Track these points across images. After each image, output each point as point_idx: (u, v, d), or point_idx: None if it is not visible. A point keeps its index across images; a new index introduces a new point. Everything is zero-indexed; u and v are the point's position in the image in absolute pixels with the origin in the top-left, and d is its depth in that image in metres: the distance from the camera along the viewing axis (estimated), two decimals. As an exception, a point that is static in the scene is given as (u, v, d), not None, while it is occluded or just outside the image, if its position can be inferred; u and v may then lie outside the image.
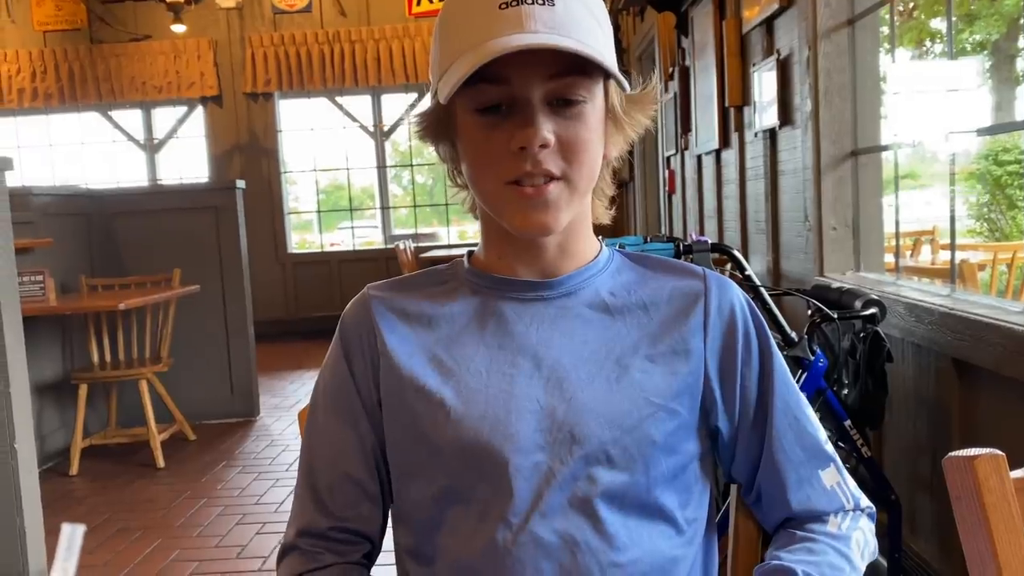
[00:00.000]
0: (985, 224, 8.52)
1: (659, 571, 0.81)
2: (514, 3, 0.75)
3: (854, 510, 0.88)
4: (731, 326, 0.86)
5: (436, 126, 0.85)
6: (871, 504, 0.90)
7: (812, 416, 0.89)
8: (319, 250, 8.36)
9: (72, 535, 0.29)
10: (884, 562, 1.96)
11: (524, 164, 0.78)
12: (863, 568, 0.85)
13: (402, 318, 0.88)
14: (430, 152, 0.90)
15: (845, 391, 1.99)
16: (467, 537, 0.80)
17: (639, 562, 0.79)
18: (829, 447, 0.89)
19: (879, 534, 0.90)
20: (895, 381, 2.08)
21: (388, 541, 0.92)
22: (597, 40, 0.78)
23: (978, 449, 0.72)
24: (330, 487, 0.88)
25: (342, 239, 8.67)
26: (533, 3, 0.75)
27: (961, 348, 1.83)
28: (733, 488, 0.96)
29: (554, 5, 0.76)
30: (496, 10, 0.76)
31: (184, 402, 4.34)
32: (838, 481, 0.88)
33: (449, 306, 0.88)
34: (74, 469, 3.86)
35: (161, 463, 3.92)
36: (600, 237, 0.92)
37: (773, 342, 0.89)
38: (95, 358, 4.07)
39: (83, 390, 3.88)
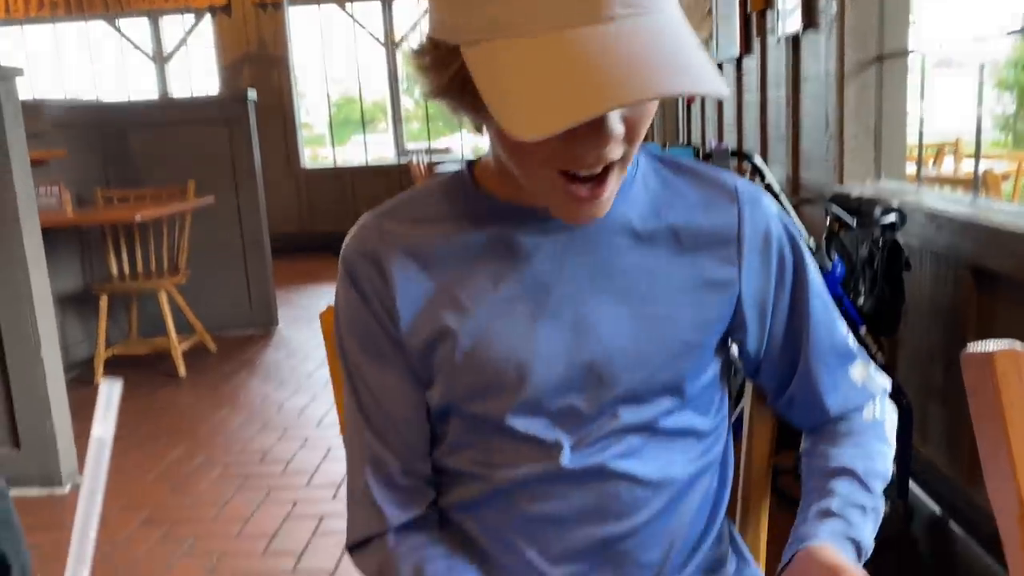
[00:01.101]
0: (1010, 135, 8.33)
1: (687, 486, 0.82)
2: None
3: (881, 395, 0.90)
4: (765, 250, 0.83)
5: (456, 87, 0.68)
6: (886, 380, 0.92)
7: (838, 316, 0.89)
8: (332, 165, 8.31)
9: (110, 391, 0.29)
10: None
11: (584, 158, 0.68)
12: (895, 444, 0.89)
13: (411, 256, 0.80)
14: None
15: (861, 300, 1.99)
16: (496, 470, 0.80)
17: (667, 482, 0.80)
18: (853, 341, 0.89)
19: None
20: (912, 290, 2.07)
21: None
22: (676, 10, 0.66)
23: (997, 343, 0.72)
24: (408, 431, 0.84)
25: (355, 154, 8.59)
26: None
27: (981, 256, 1.82)
28: (748, 388, 0.97)
29: None
30: None
31: (203, 314, 4.40)
32: (867, 373, 0.89)
33: (461, 238, 0.80)
34: (98, 378, 3.95)
35: (183, 372, 4.01)
36: None
37: (806, 251, 0.86)
38: (114, 270, 4.11)
39: (104, 301, 3.94)
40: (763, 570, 0.91)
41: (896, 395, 1.97)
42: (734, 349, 0.88)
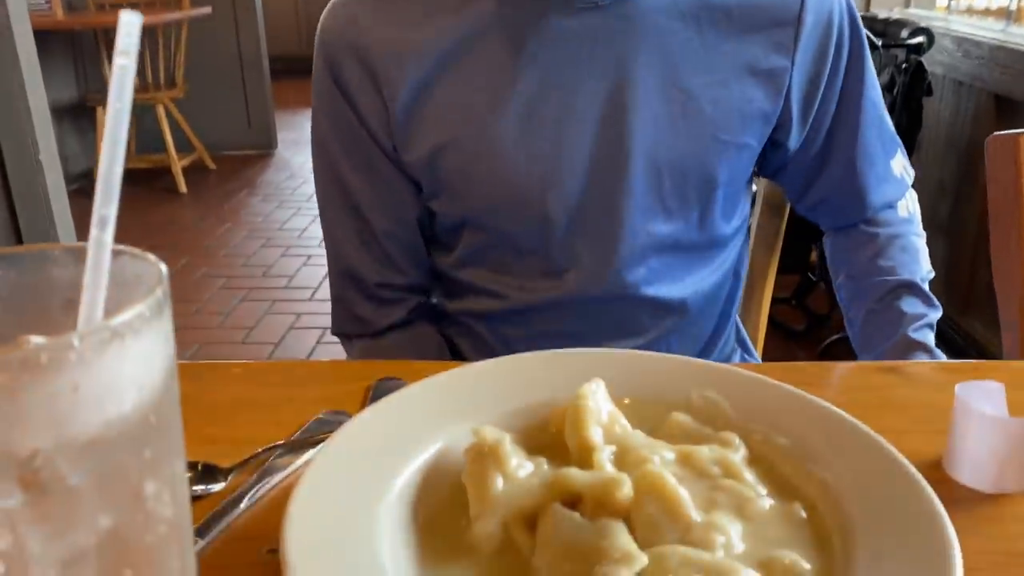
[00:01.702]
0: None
1: (705, 299, 0.79)
2: None
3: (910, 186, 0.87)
4: (825, 37, 0.74)
5: None
6: (912, 169, 0.88)
7: (882, 99, 0.84)
8: (332, -18, 7.91)
9: (131, 22, 0.25)
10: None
11: None
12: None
13: (407, 49, 0.69)
14: None
15: (876, 127, 1.95)
16: (512, 290, 0.76)
17: (688, 299, 0.77)
18: (892, 125, 0.85)
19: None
20: (929, 120, 2.03)
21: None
22: None
23: (1020, 131, 0.70)
24: (388, 243, 0.79)
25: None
26: None
27: (1005, 82, 1.76)
28: (760, 189, 0.96)
29: None
30: None
31: (202, 132, 4.32)
32: (904, 164, 0.84)
33: (470, 25, 0.69)
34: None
35: (183, 188, 3.99)
36: None
37: (864, 37, 0.79)
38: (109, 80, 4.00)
39: (100, 112, 3.85)
40: (760, 356, 0.93)
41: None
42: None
